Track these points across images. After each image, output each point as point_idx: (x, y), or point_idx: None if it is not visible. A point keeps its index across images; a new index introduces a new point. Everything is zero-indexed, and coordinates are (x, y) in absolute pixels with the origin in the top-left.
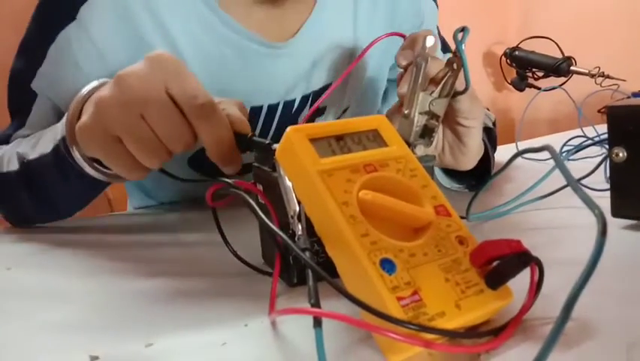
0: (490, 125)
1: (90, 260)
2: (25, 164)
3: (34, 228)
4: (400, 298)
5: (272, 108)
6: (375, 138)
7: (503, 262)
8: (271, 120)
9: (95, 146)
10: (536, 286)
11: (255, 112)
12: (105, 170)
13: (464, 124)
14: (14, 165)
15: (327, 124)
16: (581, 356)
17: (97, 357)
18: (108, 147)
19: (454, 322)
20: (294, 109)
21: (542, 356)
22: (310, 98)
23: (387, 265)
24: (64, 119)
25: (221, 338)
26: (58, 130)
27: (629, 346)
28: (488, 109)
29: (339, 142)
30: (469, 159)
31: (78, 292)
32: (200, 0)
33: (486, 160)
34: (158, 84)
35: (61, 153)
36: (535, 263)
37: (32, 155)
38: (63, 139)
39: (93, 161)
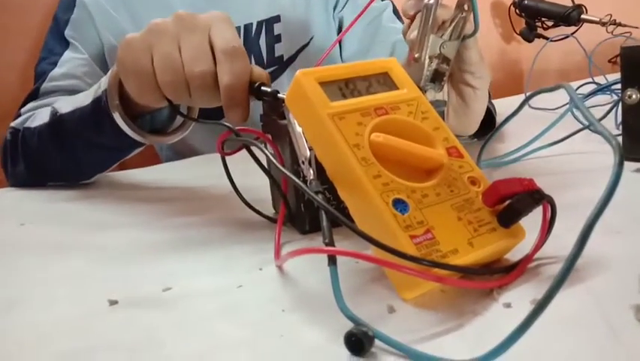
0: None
1: (103, 214)
2: (58, 117)
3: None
4: (413, 237)
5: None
6: (385, 81)
7: (515, 200)
8: None
9: (131, 61)
10: (548, 225)
11: None
12: (141, 131)
13: (471, 83)
14: (44, 119)
15: (337, 67)
16: (591, 290)
17: (116, 301)
18: (139, 64)
19: (467, 259)
20: (252, 33)
21: (556, 286)
22: (264, 25)
23: (400, 205)
24: (106, 78)
25: (236, 281)
26: (101, 86)
27: None
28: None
29: (349, 85)
30: (472, 123)
31: (93, 244)
32: None
33: (488, 115)
34: (204, 24)
35: (102, 104)
36: (548, 202)
37: (66, 109)
38: (105, 92)
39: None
